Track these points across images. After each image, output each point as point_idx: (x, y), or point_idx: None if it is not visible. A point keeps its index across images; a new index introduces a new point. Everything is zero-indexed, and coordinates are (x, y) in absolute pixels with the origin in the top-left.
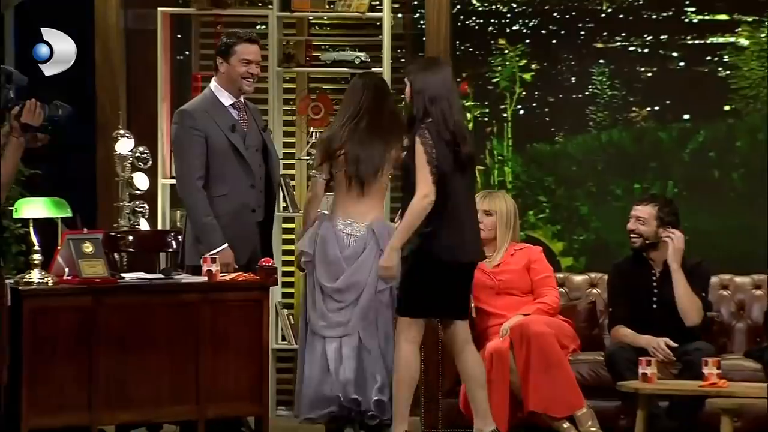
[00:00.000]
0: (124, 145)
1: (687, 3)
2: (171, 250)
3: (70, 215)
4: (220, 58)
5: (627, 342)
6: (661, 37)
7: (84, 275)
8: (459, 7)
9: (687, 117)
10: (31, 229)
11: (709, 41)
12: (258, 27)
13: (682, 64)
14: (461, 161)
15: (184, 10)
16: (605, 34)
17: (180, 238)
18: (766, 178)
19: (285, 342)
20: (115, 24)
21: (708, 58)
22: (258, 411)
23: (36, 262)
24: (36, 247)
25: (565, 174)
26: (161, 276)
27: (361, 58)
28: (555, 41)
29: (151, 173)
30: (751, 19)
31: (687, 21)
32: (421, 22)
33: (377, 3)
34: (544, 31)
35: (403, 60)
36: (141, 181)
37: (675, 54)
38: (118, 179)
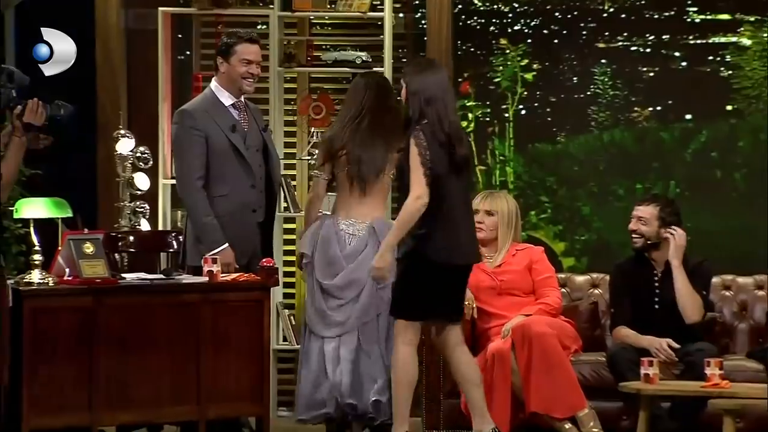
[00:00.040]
0: (124, 145)
1: (689, 3)
2: (172, 250)
3: (70, 215)
4: (220, 58)
5: (629, 343)
6: (663, 37)
7: (84, 275)
8: (460, 7)
9: (689, 117)
10: (32, 230)
11: (711, 41)
12: (259, 27)
13: (684, 63)
14: (456, 163)
15: (184, 9)
16: (607, 33)
17: (181, 238)
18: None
19: (286, 342)
20: (116, 24)
21: (710, 58)
22: (259, 411)
23: (36, 262)
24: (36, 248)
25: (567, 174)
26: (162, 276)
27: (363, 57)
28: (557, 41)
29: (152, 173)
30: (754, 19)
31: (689, 21)
32: (423, 21)
33: (378, 3)
34: (545, 31)
35: (405, 60)
36: (142, 182)
37: (677, 54)
38: (118, 179)
